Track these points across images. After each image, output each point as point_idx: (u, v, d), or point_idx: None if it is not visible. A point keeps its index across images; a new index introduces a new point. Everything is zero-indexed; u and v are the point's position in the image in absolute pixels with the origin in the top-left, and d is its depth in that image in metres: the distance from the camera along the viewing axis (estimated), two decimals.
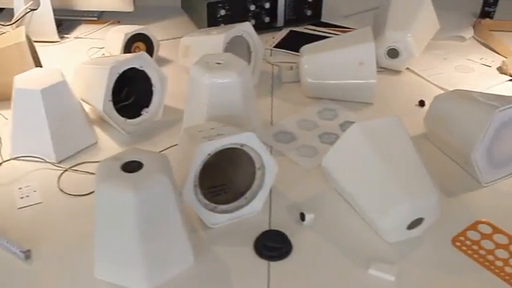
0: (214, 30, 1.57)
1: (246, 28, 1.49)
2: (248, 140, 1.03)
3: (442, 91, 1.53)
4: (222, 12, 1.78)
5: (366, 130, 1.04)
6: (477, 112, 1.15)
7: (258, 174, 1.09)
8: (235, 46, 1.51)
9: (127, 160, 0.91)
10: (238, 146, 1.04)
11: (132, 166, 0.89)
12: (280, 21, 1.89)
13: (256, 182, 1.09)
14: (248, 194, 1.09)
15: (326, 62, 1.43)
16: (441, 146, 1.29)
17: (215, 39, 1.43)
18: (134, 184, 0.86)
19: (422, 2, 1.65)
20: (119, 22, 1.94)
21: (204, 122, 1.19)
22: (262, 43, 1.54)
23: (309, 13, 1.92)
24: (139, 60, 1.30)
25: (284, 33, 1.89)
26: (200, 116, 1.23)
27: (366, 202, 1.03)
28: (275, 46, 1.80)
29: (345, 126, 1.39)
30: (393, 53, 1.60)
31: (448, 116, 1.23)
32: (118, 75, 1.27)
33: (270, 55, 1.76)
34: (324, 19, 1.97)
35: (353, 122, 1.39)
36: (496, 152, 1.17)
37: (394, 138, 1.04)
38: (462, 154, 1.18)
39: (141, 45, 1.62)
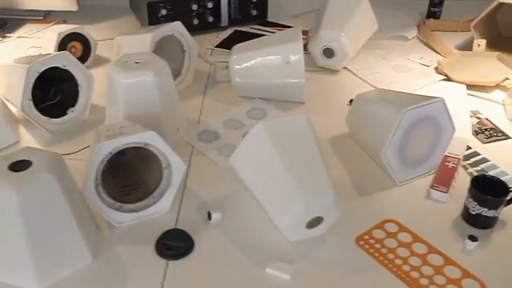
0: (149, 29, 1.57)
1: (176, 27, 1.49)
2: (151, 139, 1.03)
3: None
4: (163, 11, 1.78)
5: (270, 129, 1.04)
6: (388, 112, 1.15)
7: (165, 173, 1.09)
8: (170, 45, 1.51)
9: (16, 159, 0.90)
10: (142, 145, 1.04)
11: (20, 166, 0.89)
12: (224, 20, 1.89)
13: (163, 181, 1.09)
14: (156, 193, 1.09)
15: (255, 61, 1.43)
16: (361, 144, 1.29)
17: (144, 38, 1.43)
18: (17, 183, 0.85)
19: (358, 2, 1.65)
20: (65, 22, 1.94)
21: (119, 121, 1.19)
22: (194, 42, 1.54)
23: (254, 12, 1.92)
24: (60, 59, 1.29)
25: (228, 32, 1.89)
26: (118, 115, 1.23)
27: (268, 202, 1.03)
28: (217, 46, 1.80)
29: None
30: (328, 52, 1.60)
31: (364, 115, 1.24)
32: (37, 74, 1.26)
33: (211, 54, 1.76)
34: (271, 19, 1.98)
35: None
36: (408, 151, 1.18)
37: (297, 137, 1.04)
38: (376, 153, 1.18)
39: (77, 44, 1.62)
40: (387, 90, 1.31)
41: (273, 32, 1.88)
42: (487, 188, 1.07)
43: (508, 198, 1.09)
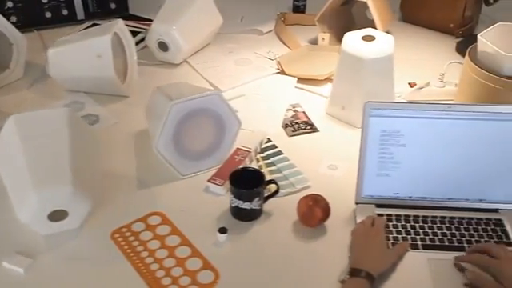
0: None
1: None
2: None
3: (209, 85, 1.56)
4: (10, 4, 1.75)
5: (21, 122, 1.04)
6: (162, 105, 1.15)
7: None
8: None
9: None
10: None
11: None
12: (80, 13, 1.87)
13: None
14: None
15: (70, 55, 1.43)
16: None
17: None
18: None
19: None
20: None
21: None
22: (22, 35, 1.53)
23: (113, 6, 1.90)
24: None
25: (85, 26, 1.88)
26: None
27: (12, 195, 1.02)
28: None
29: (86, 118, 1.39)
30: (163, 46, 1.60)
31: (151, 109, 1.24)
32: None
33: None
34: (135, 12, 1.96)
35: (96, 115, 1.41)
36: (187, 144, 1.18)
37: (49, 130, 1.04)
38: None
39: None
40: (180, 83, 1.32)
41: (135, 26, 1.87)
42: (250, 180, 1.08)
43: (271, 191, 1.11)
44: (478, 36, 1.28)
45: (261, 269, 1.00)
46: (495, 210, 1.09)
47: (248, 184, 1.07)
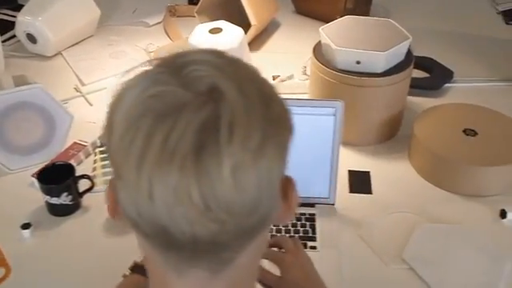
0: None
1: None
2: None
3: (76, 77, 1.54)
4: None
5: None
6: None
7: None
8: None
9: None
10: None
11: None
12: None
13: None
14: None
15: None
16: None
17: None
18: None
19: None
20: None
21: None
22: None
23: None
24: None
25: None
26: None
27: None
28: None
29: None
30: (31, 38, 1.58)
31: None
32: None
33: None
34: (25, 2, 1.93)
35: None
36: (13, 139, 1.16)
37: None
38: None
39: None
40: (22, 76, 1.30)
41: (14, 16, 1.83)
42: (64, 175, 1.06)
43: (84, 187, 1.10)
44: (320, 29, 1.27)
45: (59, 265, 0.99)
46: (312, 205, 1.09)
47: (61, 179, 1.05)
